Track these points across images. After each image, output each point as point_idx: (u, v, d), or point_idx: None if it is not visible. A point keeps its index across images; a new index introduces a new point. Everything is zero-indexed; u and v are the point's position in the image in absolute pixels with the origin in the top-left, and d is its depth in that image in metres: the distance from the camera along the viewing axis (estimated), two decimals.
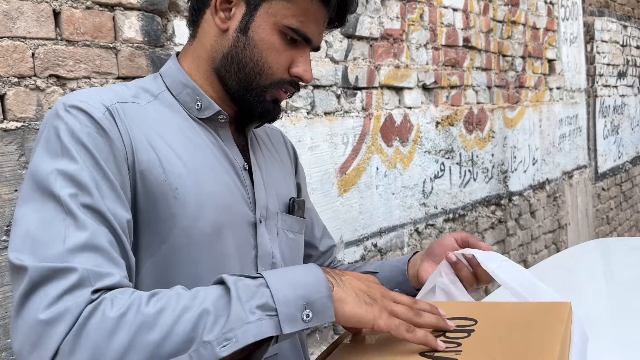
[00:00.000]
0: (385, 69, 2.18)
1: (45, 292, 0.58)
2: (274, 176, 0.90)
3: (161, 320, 0.58)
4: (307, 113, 1.87)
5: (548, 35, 3.50)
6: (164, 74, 0.83)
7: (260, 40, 0.78)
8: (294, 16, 0.78)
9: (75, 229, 0.63)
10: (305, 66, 0.81)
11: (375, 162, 2.15)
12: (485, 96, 2.84)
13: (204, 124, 0.81)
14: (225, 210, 0.78)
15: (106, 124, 0.70)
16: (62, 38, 1.21)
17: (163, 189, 0.73)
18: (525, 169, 3.25)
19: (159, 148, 0.74)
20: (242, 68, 0.79)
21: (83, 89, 0.78)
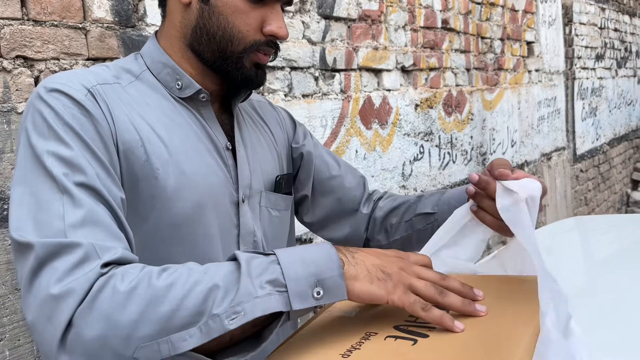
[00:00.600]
0: (364, 50, 2.17)
1: (53, 267, 0.59)
2: (260, 153, 0.90)
3: (171, 293, 0.58)
4: (285, 95, 1.85)
5: (527, 17, 3.51)
6: (144, 54, 0.83)
7: (223, 5, 0.77)
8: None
9: (72, 206, 0.63)
10: (278, 22, 0.78)
11: (355, 145, 2.15)
12: (464, 78, 2.84)
13: (185, 103, 0.81)
14: (207, 191, 0.78)
15: (88, 104, 0.71)
16: (29, 18, 1.18)
17: (144, 169, 0.73)
18: (504, 150, 3.28)
19: (141, 128, 0.74)
20: (212, 38, 0.78)
21: (64, 72, 0.77)
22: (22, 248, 0.62)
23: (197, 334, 0.57)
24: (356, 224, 1.06)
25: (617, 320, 1.17)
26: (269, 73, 1.79)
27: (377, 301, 0.62)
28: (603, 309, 1.25)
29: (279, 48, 0.83)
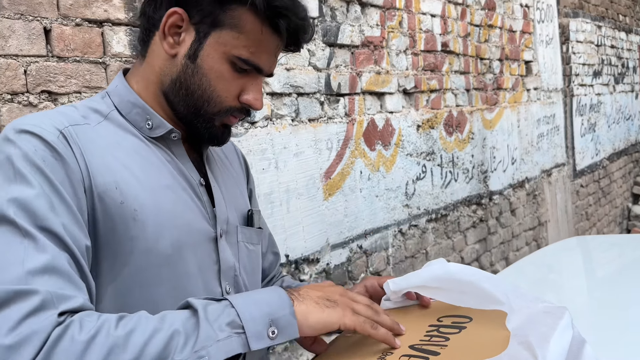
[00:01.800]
0: (367, 75, 2.24)
1: (6, 316, 0.57)
2: (230, 189, 0.90)
3: (132, 341, 0.58)
4: (292, 120, 1.92)
5: (524, 37, 3.60)
6: (111, 93, 0.81)
7: (210, 68, 0.77)
8: (244, 47, 0.76)
9: (35, 251, 0.61)
10: (256, 94, 0.80)
11: (359, 166, 2.21)
12: (464, 99, 2.92)
13: (156, 142, 0.80)
14: (185, 229, 0.77)
15: (60, 147, 0.69)
16: (53, 55, 1.25)
17: (121, 211, 0.71)
18: (504, 168, 3.34)
19: (115, 170, 0.73)
20: (190, 95, 0.78)
21: (32, 114, 0.77)
22: None
23: None
24: None
25: (619, 338, 1.20)
26: (277, 99, 1.86)
27: (331, 327, 0.67)
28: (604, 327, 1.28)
29: (250, 114, 0.86)
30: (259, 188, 1.78)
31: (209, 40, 0.76)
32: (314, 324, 0.66)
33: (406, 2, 2.46)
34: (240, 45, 0.76)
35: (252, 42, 0.76)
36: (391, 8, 2.37)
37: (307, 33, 0.81)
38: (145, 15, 0.80)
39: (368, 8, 2.25)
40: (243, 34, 0.76)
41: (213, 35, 0.76)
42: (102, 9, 1.34)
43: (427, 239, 2.62)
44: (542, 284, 1.76)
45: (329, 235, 2.07)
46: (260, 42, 0.77)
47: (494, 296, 0.73)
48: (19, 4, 1.19)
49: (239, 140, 1.72)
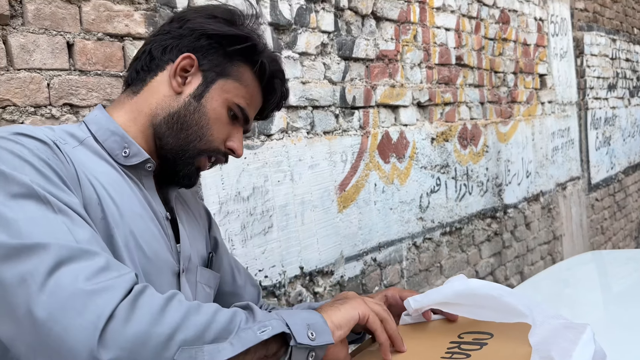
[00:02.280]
0: (381, 88, 2.25)
1: (77, 268, 0.59)
2: (193, 231, 0.94)
3: (202, 309, 0.64)
4: (307, 133, 1.93)
5: (539, 50, 3.59)
6: (89, 122, 0.84)
7: (212, 109, 0.85)
8: (243, 97, 0.87)
9: (73, 225, 0.63)
10: (239, 143, 0.89)
11: (373, 179, 2.21)
12: (478, 112, 2.92)
13: (128, 172, 0.82)
14: (152, 257, 0.79)
15: (57, 151, 0.72)
16: (75, 68, 1.28)
17: (101, 226, 0.73)
18: (519, 181, 3.32)
19: (96, 187, 0.75)
20: (185, 129, 0.84)
21: (13, 125, 0.79)
22: (23, 250, 0.58)
23: (228, 348, 0.62)
24: None
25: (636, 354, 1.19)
26: (292, 112, 1.88)
27: (353, 319, 0.75)
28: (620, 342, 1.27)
29: (227, 161, 0.92)
30: (274, 200, 1.79)
31: (215, 86, 0.86)
32: (338, 321, 0.73)
33: (421, 16, 2.47)
34: (240, 95, 0.87)
35: (248, 95, 0.88)
36: (406, 22, 2.39)
37: (286, 102, 0.98)
38: (150, 56, 0.87)
39: (383, 22, 2.26)
40: (243, 86, 0.87)
41: (219, 82, 0.86)
42: (123, 24, 1.36)
43: (441, 252, 2.61)
44: (557, 299, 1.74)
45: (343, 248, 2.07)
46: (253, 97, 0.90)
47: (517, 309, 0.73)
48: (43, 19, 1.22)
49: (255, 153, 1.73)
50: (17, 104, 1.17)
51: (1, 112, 1.15)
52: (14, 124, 1.17)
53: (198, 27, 0.86)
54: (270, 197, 1.79)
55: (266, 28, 1.77)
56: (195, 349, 0.60)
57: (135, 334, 0.58)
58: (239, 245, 1.67)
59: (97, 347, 0.56)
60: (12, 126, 0.73)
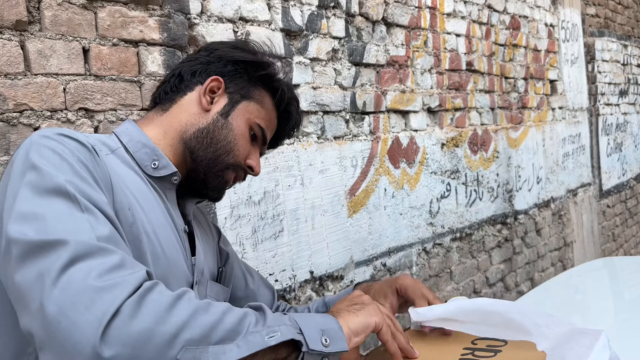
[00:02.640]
0: (392, 93, 2.26)
1: (90, 265, 0.60)
2: (206, 245, 0.98)
3: (211, 309, 0.64)
4: (318, 138, 1.94)
5: (549, 56, 3.58)
6: (120, 133, 0.89)
7: (237, 126, 0.93)
8: (262, 119, 0.95)
9: (97, 223, 0.65)
10: (257, 162, 0.96)
11: (383, 184, 2.22)
12: (488, 117, 2.91)
13: (153, 183, 0.86)
14: (172, 266, 0.82)
15: (94, 154, 0.76)
16: (91, 73, 1.30)
17: (132, 231, 0.76)
18: (530, 187, 3.31)
19: (127, 193, 0.78)
20: (214, 143, 0.90)
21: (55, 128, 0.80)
22: (44, 246, 0.60)
23: (234, 350, 0.61)
24: None
25: None
26: (304, 117, 1.89)
27: (369, 326, 0.74)
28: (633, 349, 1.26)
29: (245, 179, 0.98)
30: (284, 205, 1.80)
31: (240, 106, 0.94)
32: (355, 327, 0.73)
33: (431, 22, 2.48)
34: (261, 116, 0.95)
35: (267, 118, 0.97)
36: (416, 28, 2.40)
37: (299, 128, 1.06)
38: (179, 77, 0.95)
39: (393, 28, 2.27)
40: (264, 109, 0.96)
41: (243, 103, 0.94)
42: (137, 30, 1.38)
43: (451, 258, 2.60)
44: (568, 306, 1.73)
45: (353, 253, 2.07)
46: (270, 121, 0.98)
47: (523, 327, 0.73)
48: (60, 25, 1.24)
49: (266, 157, 1.74)
50: (34, 108, 1.19)
51: (19, 116, 1.17)
52: (30, 127, 1.19)
53: (225, 55, 0.95)
54: (281, 202, 1.80)
55: (278, 34, 1.79)
56: (200, 349, 0.60)
57: (139, 331, 0.58)
58: (249, 249, 1.68)
59: (100, 343, 0.56)
60: (56, 127, 0.77)
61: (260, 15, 1.73)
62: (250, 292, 1.10)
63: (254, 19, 1.71)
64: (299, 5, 1.86)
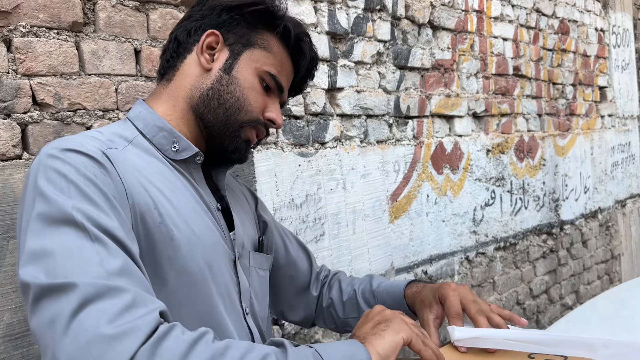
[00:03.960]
0: (436, 98, 2.22)
1: (100, 309, 0.57)
2: (242, 217, 0.94)
3: (229, 353, 0.59)
4: (360, 141, 1.92)
5: (599, 62, 3.47)
6: (134, 119, 0.84)
7: (244, 79, 0.84)
8: (272, 65, 0.86)
9: (108, 255, 0.62)
10: (277, 112, 0.87)
11: (426, 190, 2.18)
12: (535, 124, 2.83)
13: (178, 166, 0.82)
14: (212, 249, 0.80)
15: (107, 165, 0.71)
16: (142, 74, 1.32)
17: (160, 231, 0.73)
18: (576, 197, 3.20)
19: (150, 191, 0.75)
20: (222, 103, 0.83)
21: (65, 137, 0.77)
22: (54, 290, 0.58)
23: None
24: (308, 307, 1.11)
25: None
26: (346, 121, 1.87)
27: (398, 346, 0.68)
28: None
29: (269, 134, 0.91)
30: (326, 208, 1.79)
31: (243, 57, 0.85)
32: (384, 352, 0.67)
33: (478, 26, 2.43)
34: (269, 62, 0.86)
35: (278, 62, 0.87)
36: (463, 31, 2.35)
37: (316, 69, 0.94)
38: (176, 42, 0.88)
39: (439, 31, 2.23)
40: (271, 54, 0.86)
41: (246, 53, 0.85)
42: None
43: (494, 267, 2.53)
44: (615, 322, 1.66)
45: (393, 259, 2.04)
46: (283, 65, 0.88)
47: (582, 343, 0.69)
48: (113, 26, 1.26)
49: (309, 160, 1.73)
50: (87, 107, 1.21)
51: (72, 115, 1.19)
52: (83, 127, 1.21)
53: (217, 4, 0.86)
54: (323, 205, 1.79)
55: (323, 37, 1.78)
56: None
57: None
58: None
59: None
60: (61, 140, 0.72)
61: (306, 18, 1.72)
62: (290, 260, 1.08)
63: (301, 22, 1.71)
64: (345, 8, 1.85)
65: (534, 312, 2.82)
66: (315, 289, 1.11)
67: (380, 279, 1.08)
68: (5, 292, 1.08)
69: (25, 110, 1.13)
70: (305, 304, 1.11)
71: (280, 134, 1.66)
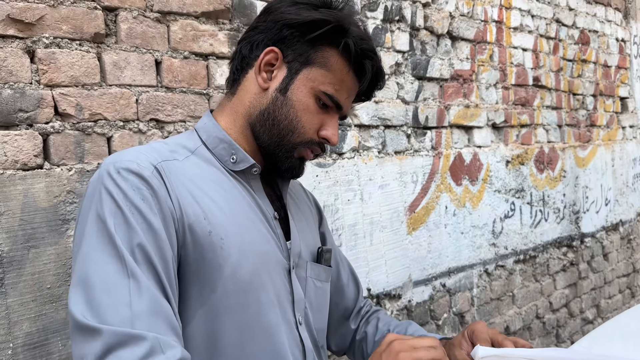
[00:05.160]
0: (455, 108, 2.20)
1: (120, 357, 0.62)
2: (302, 226, 0.94)
3: None
4: (378, 152, 1.91)
5: (620, 73, 3.42)
6: (199, 130, 0.88)
7: (298, 101, 0.83)
8: (330, 84, 0.84)
9: (138, 293, 0.67)
10: (334, 130, 0.86)
11: (444, 201, 2.15)
12: (556, 135, 2.79)
13: (237, 176, 0.85)
14: (263, 258, 0.81)
15: (155, 182, 0.74)
16: (162, 85, 1.32)
17: (209, 240, 0.76)
18: (597, 209, 3.14)
19: (202, 201, 0.78)
20: (276, 124, 0.84)
21: (130, 149, 0.81)
22: (86, 331, 0.64)
23: None
24: (344, 337, 1.10)
25: None
26: (364, 131, 1.86)
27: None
28: None
29: (325, 151, 0.90)
30: (343, 219, 1.78)
31: (300, 76, 0.83)
32: None
33: (497, 36, 2.41)
34: (327, 82, 0.83)
35: (337, 81, 0.84)
36: (482, 42, 2.33)
37: (382, 83, 0.90)
38: (240, 55, 0.88)
39: (458, 42, 2.22)
40: (330, 72, 0.83)
41: (304, 72, 0.83)
42: (208, 43, 1.40)
43: (514, 280, 2.49)
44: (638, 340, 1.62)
45: (411, 271, 2.01)
46: (343, 82, 0.85)
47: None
48: (134, 37, 1.27)
49: (326, 171, 1.72)
50: (107, 117, 1.22)
51: (93, 125, 1.20)
52: (104, 137, 1.21)
53: (279, 18, 0.84)
54: (340, 216, 1.77)
55: None
56: None
57: None
58: None
59: None
60: (121, 155, 0.76)
61: None
62: (340, 287, 1.07)
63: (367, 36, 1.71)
64: (364, 19, 1.84)
65: (554, 326, 2.76)
66: (355, 322, 1.11)
67: (416, 327, 1.06)
68: (25, 301, 1.08)
69: (47, 120, 1.14)
70: (343, 333, 1.10)
71: None
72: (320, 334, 0.92)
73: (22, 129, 1.10)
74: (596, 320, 3.13)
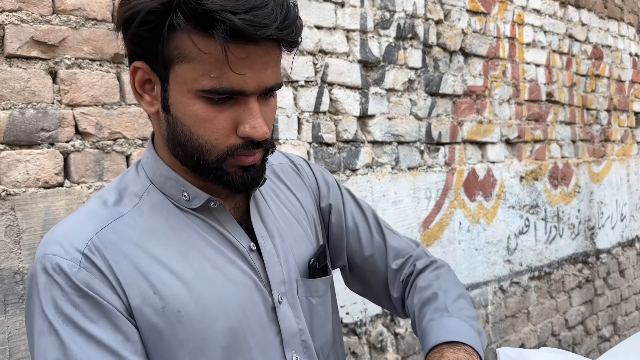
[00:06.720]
0: (468, 124, 2.21)
1: None
2: (289, 237, 0.80)
3: None
4: (392, 168, 1.92)
5: (634, 87, 3.40)
6: (145, 166, 0.73)
7: (183, 115, 0.65)
8: (203, 75, 0.62)
9: None
10: (252, 121, 0.65)
11: (458, 217, 2.15)
12: (569, 150, 2.78)
13: (197, 213, 0.71)
14: (237, 313, 0.70)
15: (84, 276, 0.64)
16: None
17: (164, 317, 0.66)
18: (613, 225, 3.11)
19: (150, 272, 0.67)
20: (184, 149, 0.67)
21: (65, 220, 0.71)
22: None
23: None
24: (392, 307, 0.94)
25: None
26: (377, 147, 1.87)
27: None
28: None
29: (269, 144, 0.70)
30: None
31: (171, 84, 0.65)
32: None
33: (510, 52, 2.42)
34: (198, 75, 0.62)
35: (209, 66, 0.62)
36: (494, 58, 2.34)
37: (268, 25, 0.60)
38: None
39: (471, 58, 2.23)
40: (193, 61, 0.62)
41: (171, 77, 0.64)
42: None
43: (529, 297, 2.47)
44: None
45: None
46: (218, 61, 0.61)
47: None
48: None
49: None
50: (126, 136, 1.24)
51: (112, 144, 1.22)
52: (123, 155, 1.23)
53: (121, 24, 0.66)
54: None
55: (355, 65, 1.79)
56: None
57: None
58: None
59: None
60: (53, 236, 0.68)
61: (339, 47, 1.74)
62: (365, 252, 0.90)
63: (333, 51, 1.73)
64: (376, 37, 1.86)
65: (570, 343, 2.73)
66: (396, 290, 0.92)
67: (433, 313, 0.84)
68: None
69: (68, 139, 1.16)
70: (390, 302, 0.94)
71: (312, 160, 1.67)
72: (325, 347, 0.83)
73: (43, 147, 1.12)
74: (613, 337, 3.08)
